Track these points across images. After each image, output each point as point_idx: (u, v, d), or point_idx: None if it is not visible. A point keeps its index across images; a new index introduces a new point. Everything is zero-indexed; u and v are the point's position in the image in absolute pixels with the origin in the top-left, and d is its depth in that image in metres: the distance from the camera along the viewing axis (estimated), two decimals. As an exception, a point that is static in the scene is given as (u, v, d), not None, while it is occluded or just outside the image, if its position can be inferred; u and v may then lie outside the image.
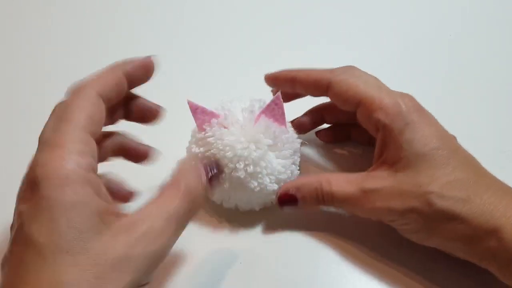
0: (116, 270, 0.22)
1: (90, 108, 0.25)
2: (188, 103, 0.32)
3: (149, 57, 0.28)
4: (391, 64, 0.48)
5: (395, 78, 0.34)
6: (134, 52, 0.29)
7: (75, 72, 0.45)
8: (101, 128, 0.26)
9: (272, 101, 0.33)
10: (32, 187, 0.22)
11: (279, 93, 0.33)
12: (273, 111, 0.33)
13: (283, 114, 0.33)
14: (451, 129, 0.31)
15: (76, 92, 0.25)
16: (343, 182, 0.31)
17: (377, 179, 0.30)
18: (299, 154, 0.35)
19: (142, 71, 0.28)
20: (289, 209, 0.33)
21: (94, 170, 0.24)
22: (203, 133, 0.32)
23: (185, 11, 0.55)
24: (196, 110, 0.32)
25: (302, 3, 0.56)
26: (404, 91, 0.32)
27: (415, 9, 0.54)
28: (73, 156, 0.23)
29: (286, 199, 0.32)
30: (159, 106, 0.31)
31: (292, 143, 0.34)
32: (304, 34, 0.52)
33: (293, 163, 0.34)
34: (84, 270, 0.21)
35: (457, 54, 0.49)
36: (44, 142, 0.24)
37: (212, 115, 0.33)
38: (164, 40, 0.52)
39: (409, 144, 0.29)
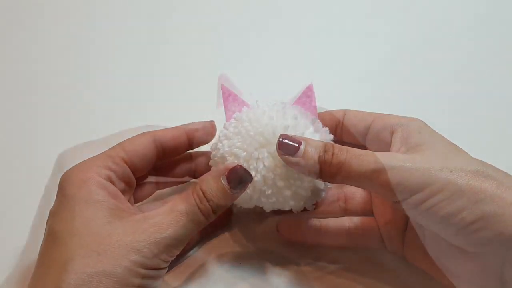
0: (120, 250, 0.24)
1: (139, 146, 0.30)
2: (221, 87, 0.31)
3: (211, 121, 0.33)
4: (391, 65, 0.47)
5: (395, 79, 0.34)
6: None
7: (75, 72, 0.44)
8: (144, 164, 0.30)
9: (303, 93, 0.32)
10: (59, 189, 0.27)
11: (310, 84, 0.32)
12: (305, 104, 0.32)
13: (314, 107, 0.32)
14: (452, 129, 0.31)
15: (139, 134, 0.31)
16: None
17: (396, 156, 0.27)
18: None
19: (204, 133, 0.32)
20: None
21: (113, 181, 0.28)
22: (232, 119, 0.31)
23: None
24: (228, 97, 0.31)
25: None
26: (405, 91, 0.32)
27: (415, 9, 0.54)
28: (94, 168, 0.27)
29: (286, 140, 0.28)
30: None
31: (325, 138, 0.32)
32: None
33: None
34: (87, 248, 0.24)
35: (457, 54, 0.49)
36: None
37: (243, 103, 0.31)
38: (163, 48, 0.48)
39: (427, 137, 0.29)
